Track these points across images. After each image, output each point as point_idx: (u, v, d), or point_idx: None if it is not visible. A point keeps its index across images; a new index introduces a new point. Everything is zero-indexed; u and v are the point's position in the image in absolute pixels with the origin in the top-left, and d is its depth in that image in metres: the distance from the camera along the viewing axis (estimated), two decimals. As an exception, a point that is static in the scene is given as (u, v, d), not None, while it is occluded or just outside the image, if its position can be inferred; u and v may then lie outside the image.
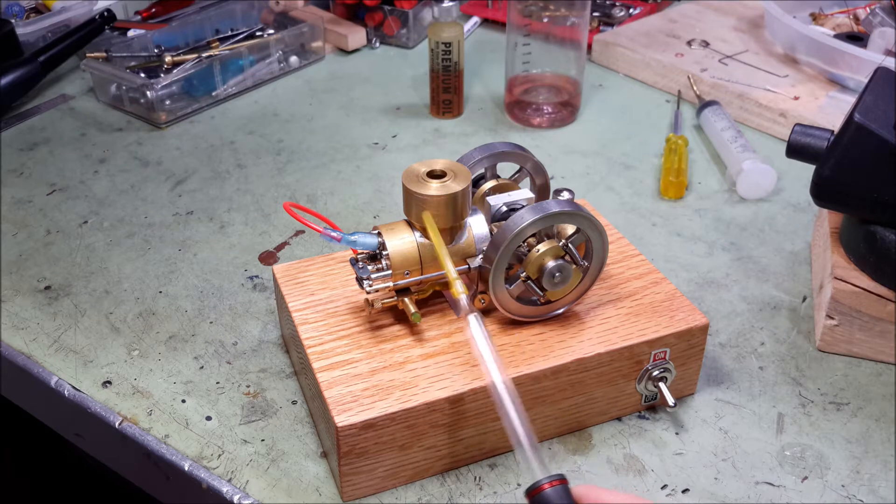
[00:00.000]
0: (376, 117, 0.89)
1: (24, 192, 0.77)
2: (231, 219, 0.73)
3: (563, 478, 0.31)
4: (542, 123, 0.87)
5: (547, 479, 0.31)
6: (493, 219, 0.52)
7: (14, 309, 0.63)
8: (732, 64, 0.92)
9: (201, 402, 0.54)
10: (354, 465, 0.46)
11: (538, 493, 0.30)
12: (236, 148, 0.84)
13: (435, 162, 0.50)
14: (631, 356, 0.50)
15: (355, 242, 0.48)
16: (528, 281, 0.49)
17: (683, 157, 0.77)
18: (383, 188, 0.77)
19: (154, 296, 0.64)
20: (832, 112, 0.82)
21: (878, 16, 0.89)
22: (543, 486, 0.31)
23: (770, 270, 0.66)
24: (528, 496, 0.31)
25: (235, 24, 1.01)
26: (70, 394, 0.55)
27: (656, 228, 0.71)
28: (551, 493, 0.30)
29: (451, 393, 0.46)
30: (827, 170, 0.55)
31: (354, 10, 1.05)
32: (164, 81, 0.87)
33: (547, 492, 0.30)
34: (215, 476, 0.49)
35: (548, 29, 0.85)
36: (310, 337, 0.50)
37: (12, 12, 1.00)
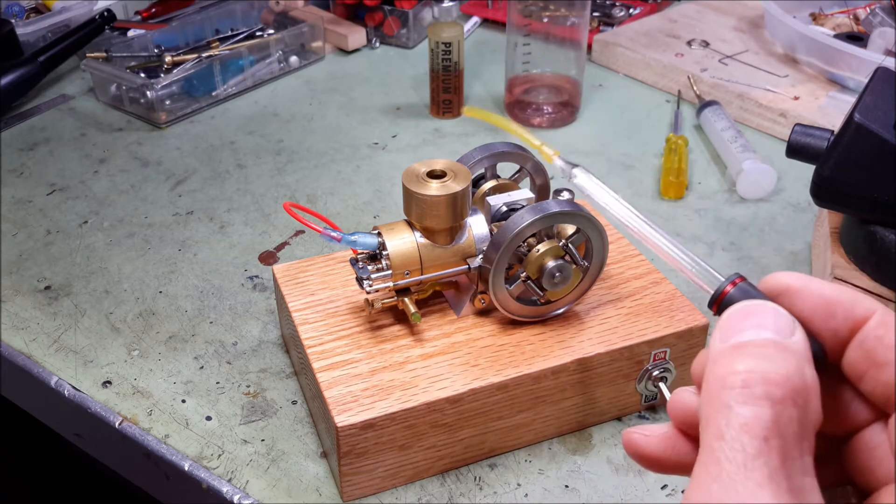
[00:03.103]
0: (376, 117, 0.89)
1: (24, 192, 0.77)
2: (231, 219, 0.73)
3: (740, 276, 0.29)
4: (542, 123, 0.87)
5: (727, 281, 0.30)
6: (493, 219, 0.52)
7: (14, 309, 0.63)
8: (732, 64, 0.92)
9: (201, 402, 0.54)
10: (354, 465, 0.46)
11: (724, 298, 0.29)
12: (236, 148, 0.84)
13: (435, 162, 0.50)
14: (631, 356, 0.50)
15: (355, 242, 0.48)
16: (528, 281, 0.49)
17: (683, 157, 0.77)
18: (383, 188, 0.77)
19: (154, 296, 0.64)
20: (832, 112, 0.82)
21: (878, 16, 0.89)
22: (726, 290, 0.29)
23: (770, 270, 0.65)
24: (714, 306, 0.30)
25: (235, 24, 1.01)
26: (70, 394, 0.55)
27: (656, 228, 0.71)
28: (736, 293, 0.29)
29: (451, 393, 0.46)
30: (827, 170, 0.55)
31: (354, 10, 1.05)
32: (164, 81, 0.87)
33: (732, 293, 0.29)
34: (215, 476, 0.49)
35: (548, 29, 0.85)
36: (310, 337, 0.50)
37: (12, 12, 1.00)
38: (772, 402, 0.25)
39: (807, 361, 0.26)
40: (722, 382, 0.25)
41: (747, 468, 0.24)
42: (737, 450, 0.24)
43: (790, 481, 0.24)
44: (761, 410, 0.24)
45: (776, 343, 0.26)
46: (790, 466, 0.24)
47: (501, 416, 0.49)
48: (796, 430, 0.25)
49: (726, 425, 0.24)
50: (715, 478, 0.24)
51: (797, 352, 0.26)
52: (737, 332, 0.27)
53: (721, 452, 0.24)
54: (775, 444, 0.24)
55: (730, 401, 0.25)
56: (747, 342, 0.26)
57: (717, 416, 0.25)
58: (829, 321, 0.28)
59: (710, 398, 0.26)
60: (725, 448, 0.24)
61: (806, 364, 0.26)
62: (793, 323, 0.27)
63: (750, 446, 0.24)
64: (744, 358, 0.26)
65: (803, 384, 0.25)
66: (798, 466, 0.24)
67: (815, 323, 0.28)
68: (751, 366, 0.25)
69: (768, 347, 0.26)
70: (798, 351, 0.26)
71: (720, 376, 0.26)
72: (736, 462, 0.24)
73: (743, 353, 0.26)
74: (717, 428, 0.25)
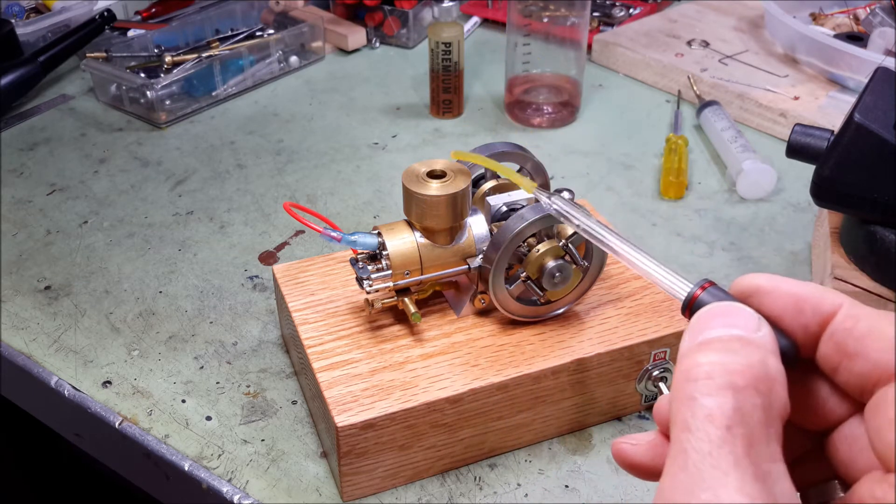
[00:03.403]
0: (376, 117, 0.89)
1: (24, 192, 0.77)
2: (231, 219, 0.73)
3: (709, 280, 0.30)
4: (542, 123, 0.87)
5: (696, 286, 0.30)
6: (493, 219, 0.52)
7: (14, 309, 0.63)
8: (732, 64, 0.92)
9: (201, 402, 0.54)
10: (354, 465, 0.46)
11: (694, 302, 0.30)
12: (236, 148, 0.84)
13: (435, 162, 0.50)
14: (631, 356, 0.50)
15: (355, 242, 0.48)
16: (528, 281, 0.49)
17: (683, 157, 0.77)
18: (383, 188, 0.77)
19: (154, 296, 0.64)
20: (832, 112, 0.82)
21: (878, 16, 0.89)
22: (696, 294, 0.30)
23: (770, 270, 0.66)
24: (685, 312, 0.30)
25: (235, 24, 1.01)
26: (70, 394, 0.55)
27: (656, 228, 0.71)
28: (706, 297, 0.30)
29: (451, 393, 0.46)
30: (827, 170, 0.55)
31: (354, 10, 1.05)
32: (164, 81, 0.87)
33: (702, 297, 0.30)
34: (215, 476, 0.49)
35: (548, 29, 0.85)
36: (310, 337, 0.50)
37: (12, 12, 1.00)
38: (734, 391, 0.25)
39: (772, 354, 0.27)
40: (686, 376, 0.26)
41: (712, 457, 0.24)
42: (702, 440, 0.25)
43: (756, 468, 0.24)
44: (724, 400, 0.25)
45: (741, 338, 0.27)
46: (756, 453, 0.25)
47: (501, 416, 0.49)
48: (761, 418, 0.25)
49: (692, 417, 0.25)
50: (682, 468, 0.25)
51: (762, 345, 0.27)
52: (704, 331, 0.28)
53: (687, 443, 0.25)
54: (739, 432, 0.25)
55: (694, 393, 0.25)
56: (713, 338, 0.27)
57: (682, 409, 0.25)
58: (799, 317, 0.28)
59: (676, 393, 0.26)
60: (691, 439, 0.25)
61: (771, 356, 0.26)
62: (759, 320, 0.28)
63: (714, 435, 0.24)
64: (708, 352, 0.26)
65: (766, 373, 0.26)
66: (764, 453, 0.25)
67: (786, 320, 0.28)
68: (714, 358, 0.26)
69: (733, 342, 0.27)
70: (763, 344, 0.27)
71: (685, 370, 0.26)
72: (702, 452, 0.24)
73: (708, 348, 0.27)
74: (684, 420, 0.25)
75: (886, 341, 0.26)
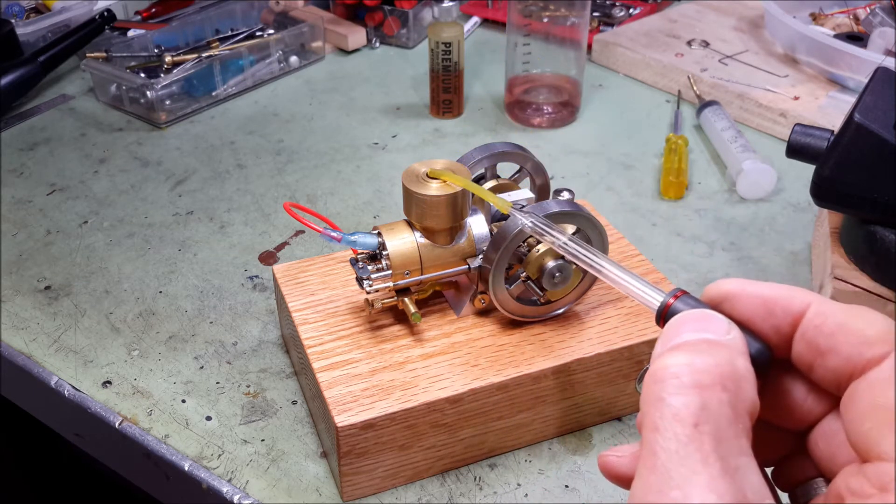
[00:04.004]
0: (376, 117, 0.89)
1: (24, 192, 0.77)
2: (231, 219, 0.73)
3: (681, 290, 0.31)
4: (542, 123, 0.87)
5: (669, 295, 0.31)
6: (493, 219, 0.52)
7: (14, 309, 0.63)
8: (732, 64, 0.92)
9: (201, 402, 0.54)
10: (354, 465, 0.46)
11: (667, 311, 0.30)
12: (236, 148, 0.84)
13: (435, 162, 0.50)
14: (631, 356, 0.50)
15: (355, 242, 0.48)
16: (528, 281, 0.49)
17: (683, 157, 0.77)
18: (383, 188, 0.77)
19: (154, 296, 0.64)
20: (832, 112, 0.82)
21: (878, 16, 0.89)
22: (669, 303, 0.31)
23: (770, 270, 0.66)
24: (660, 321, 0.31)
25: (235, 24, 1.01)
26: (70, 394, 0.55)
27: (656, 228, 0.71)
28: (679, 305, 0.30)
29: (451, 393, 0.46)
30: (827, 170, 0.55)
31: (354, 10, 1.05)
32: (164, 81, 0.87)
33: (675, 305, 0.30)
34: (215, 476, 0.49)
35: (548, 29, 0.85)
36: (310, 337, 0.50)
37: (12, 12, 1.00)
38: (700, 388, 0.25)
39: (740, 354, 0.27)
40: (654, 378, 0.26)
41: (680, 455, 0.24)
42: (670, 439, 0.25)
43: (724, 463, 0.24)
44: (690, 399, 0.25)
45: (709, 340, 0.27)
46: (724, 449, 0.25)
47: (501, 416, 0.49)
48: (728, 414, 0.25)
49: (660, 417, 0.25)
50: (651, 469, 0.25)
51: (730, 346, 0.27)
52: (674, 337, 0.28)
53: (656, 444, 0.25)
54: (706, 429, 0.25)
55: (661, 393, 0.26)
56: (682, 342, 0.28)
57: (651, 411, 0.26)
58: (770, 319, 0.29)
59: (645, 396, 0.26)
60: (660, 439, 0.25)
61: (739, 356, 0.27)
62: (728, 324, 0.28)
63: (682, 434, 0.25)
64: (676, 354, 0.27)
65: (733, 371, 0.26)
66: (733, 447, 0.25)
67: (757, 323, 0.29)
68: (681, 360, 0.26)
69: (701, 344, 0.27)
70: (732, 346, 0.27)
71: (653, 373, 0.27)
72: (669, 451, 0.25)
73: (676, 350, 0.27)
74: (652, 421, 0.25)
75: (856, 335, 0.26)
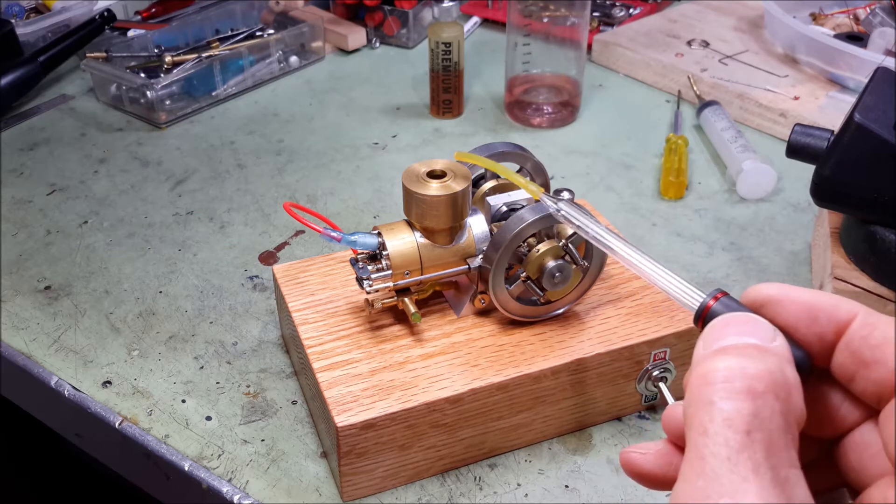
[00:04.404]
0: (376, 117, 0.89)
1: (24, 192, 0.77)
2: (231, 219, 0.73)
3: (721, 291, 0.30)
4: (542, 123, 0.87)
5: (709, 296, 0.30)
6: (493, 219, 0.52)
7: (14, 309, 0.63)
8: (732, 64, 0.92)
9: (201, 402, 0.54)
10: (354, 465, 0.46)
11: (707, 312, 0.30)
12: (236, 148, 0.84)
13: (435, 162, 0.50)
14: (631, 356, 0.50)
15: (355, 242, 0.48)
16: (528, 281, 0.49)
17: (683, 157, 0.77)
18: (383, 188, 0.77)
19: (154, 296, 0.64)
20: (832, 112, 0.82)
21: (878, 16, 0.89)
22: (709, 305, 0.30)
23: (770, 270, 0.66)
24: (698, 322, 0.30)
25: (235, 24, 1.01)
26: (70, 394, 0.55)
27: (656, 228, 0.71)
28: (719, 307, 0.30)
29: (451, 393, 0.46)
30: (827, 170, 0.55)
31: (354, 10, 1.05)
32: (164, 81, 0.87)
33: (715, 307, 0.30)
34: (215, 476, 0.49)
35: (548, 29, 0.85)
36: (310, 337, 0.50)
37: (12, 12, 1.00)
38: (753, 395, 0.25)
39: (788, 362, 0.26)
40: (704, 380, 0.26)
41: (731, 462, 0.24)
42: (720, 444, 0.24)
43: (775, 473, 0.24)
44: (743, 404, 0.25)
45: (757, 346, 0.27)
46: (774, 459, 0.24)
47: (501, 416, 0.49)
48: (780, 424, 0.25)
49: (709, 421, 0.25)
50: (699, 474, 0.24)
51: (778, 353, 0.26)
52: (719, 340, 0.28)
53: (705, 448, 0.24)
54: (758, 437, 0.24)
55: (712, 396, 0.25)
56: (729, 346, 0.27)
57: (700, 413, 0.25)
58: (813, 327, 0.28)
59: (692, 397, 0.26)
60: (709, 443, 0.24)
61: (787, 364, 0.26)
62: (773, 330, 0.27)
63: (733, 440, 0.24)
64: (726, 357, 0.26)
65: (784, 379, 0.26)
66: (783, 458, 0.25)
67: (800, 330, 0.28)
68: (732, 364, 0.26)
69: (749, 349, 0.27)
70: (779, 353, 0.27)
71: (702, 375, 0.26)
72: (720, 457, 0.24)
73: (725, 354, 0.27)
74: (701, 424, 0.25)
75: None
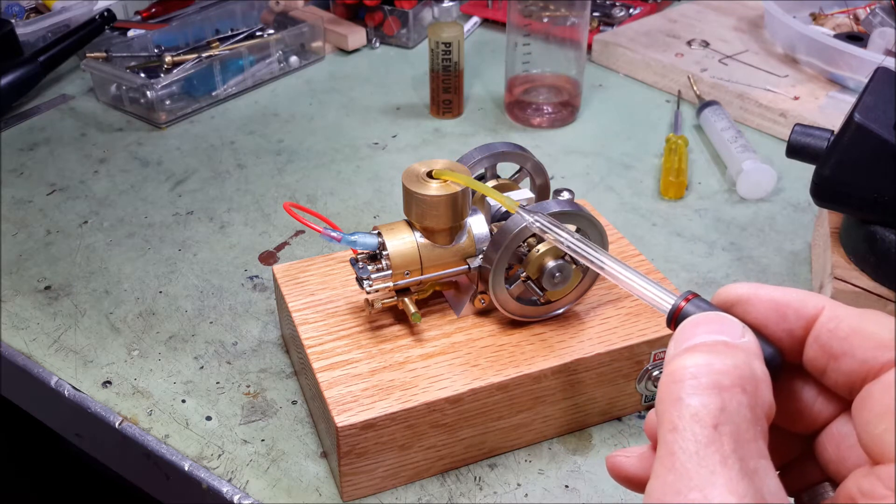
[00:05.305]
0: (376, 117, 0.89)
1: (24, 192, 0.77)
2: (231, 219, 0.73)
3: (692, 293, 0.31)
4: (542, 123, 0.87)
5: (681, 298, 0.31)
6: (493, 219, 0.52)
7: (14, 309, 0.63)
8: (732, 64, 0.92)
9: (201, 402, 0.54)
10: (354, 465, 0.46)
11: (679, 314, 0.30)
12: (236, 148, 0.84)
13: (435, 162, 0.50)
14: (631, 356, 0.50)
15: (355, 242, 0.48)
16: (528, 281, 0.49)
17: (683, 157, 0.77)
18: (383, 188, 0.77)
19: (154, 296, 0.64)
20: (832, 112, 0.82)
21: (878, 16, 0.89)
22: (681, 306, 0.31)
23: (770, 270, 0.66)
24: (671, 324, 0.31)
25: (235, 24, 1.01)
26: (70, 394, 0.55)
27: (656, 228, 0.71)
28: (690, 308, 0.30)
29: (451, 393, 0.46)
30: (827, 170, 0.55)
31: (354, 10, 1.05)
32: (164, 81, 0.87)
33: (686, 308, 0.30)
34: (215, 476, 0.49)
35: (548, 29, 0.85)
36: (310, 337, 0.50)
37: (12, 12, 1.00)
38: (719, 389, 0.25)
39: (756, 357, 0.27)
40: (672, 378, 0.26)
41: (699, 456, 0.24)
42: (688, 440, 0.25)
43: (743, 464, 0.24)
44: (709, 399, 0.25)
45: (725, 343, 0.27)
46: (743, 451, 0.25)
47: (501, 416, 0.49)
48: (747, 416, 0.25)
49: (678, 417, 0.25)
50: (670, 469, 0.25)
51: (746, 349, 0.27)
52: (689, 339, 0.28)
53: (675, 444, 0.25)
54: (726, 430, 0.25)
55: (680, 393, 0.26)
56: (698, 344, 0.28)
57: (669, 411, 0.26)
58: (783, 323, 0.29)
59: (662, 395, 0.27)
60: (678, 439, 0.25)
61: (755, 359, 0.27)
62: (742, 328, 0.28)
63: (701, 435, 0.25)
64: (694, 355, 0.27)
65: (752, 373, 0.26)
66: (752, 450, 0.25)
67: (770, 327, 0.29)
68: (699, 360, 0.26)
69: (718, 346, 0.27)
70: (747, 349, 0.27)
71: (671, 373, 0.27)
72: (688, 451, 0.25)
73: (693, 351, 0.27)
74: (670, 421, 0.25)
75: (870, 338, 0.27)
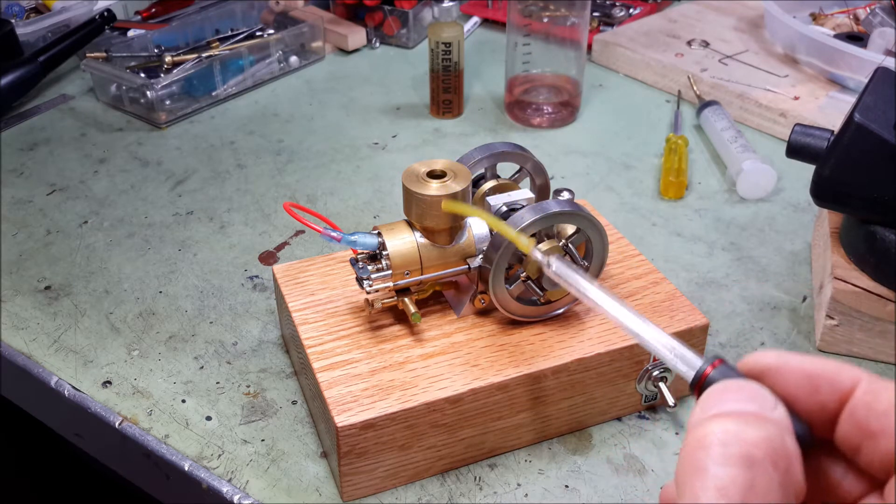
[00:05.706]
0: (376, 117, 0.89)
1: (24, 192, 0.77)
2: (231, 219, 0.73)
3: (719, 358, 0.30)
4: (542, 123, 0.87)
5: (707, 363, 0.30)
6: (493, 219, 0.52)
7: (14, 309, 0.63)
8: (732, 64, 0.92)
9: (201, 402, 0.54)
10: (354, 465, 0.46)
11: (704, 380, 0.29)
12: (236, 148, 0.84)
13: (435, 162, 0.50)
14: (631, 356, 0.50)
15: (355, 242, 0.48)
16: (528, 281, 0.49)
17: (683, 157, 0.77)
18: (383, 188, 0.77)
19: (154, 296, 0.64)
20: (832, 112, 0.82)
21: (878, 16, 0.89)
22: (707, 371, 0.30)
23: (770, 270, 0.66)
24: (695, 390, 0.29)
25: (235, 24, 1.01)
26: (70, 394, 0.55)
27: (656, 228, 0.71)
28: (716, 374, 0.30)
29: (451, 393, 0.46)
30: (827, 170, 0.55)
31: (354, 10, 1.05)
32: (164, 81, 0.87)
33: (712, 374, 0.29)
34: (215, 476, 0.49)
35: (548, 29, 0.85)
36: (310, 337, 0.50)
37: (12, 12, 1.00)
38: (750, 463, 0.23)
39: (788, 432, 0.25)
40: (698, 443, 0.24)
41: None
42: None
43: None
44: (738, 472, 0.23)
45: (757, 413, 0.25)
46: None
47: (501, 416, 0.49)
48: (777, 496, 0.23)
49: (702, 488, 0.23)
50: None
51: (778, 422, 0.25)
52: (717, 405, 0.26)
53: None
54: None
55: (706, 461, 0.24)
56: (728, 411, 0.25)
57: (692, 479, 0.24)
58: (815, 395, 0.26)
59: (685, 461, 0.24)
60: None
61: (788, 434, 0.25)
62: (774, 399, 0.26)
63: None
64: (723, 421, 0.25)
65: (784, 449, 0.24)
66: None
67: (801, 399, 0.27)
68: (729, 427, 0.24)
69: (749, 416, 0.25)
70: (780, 422, 0.25)
71: (697, 438, 0.24)
72: None
73: (722, 418, 0.25)
74: (693, 491, 0.23)
75: None
